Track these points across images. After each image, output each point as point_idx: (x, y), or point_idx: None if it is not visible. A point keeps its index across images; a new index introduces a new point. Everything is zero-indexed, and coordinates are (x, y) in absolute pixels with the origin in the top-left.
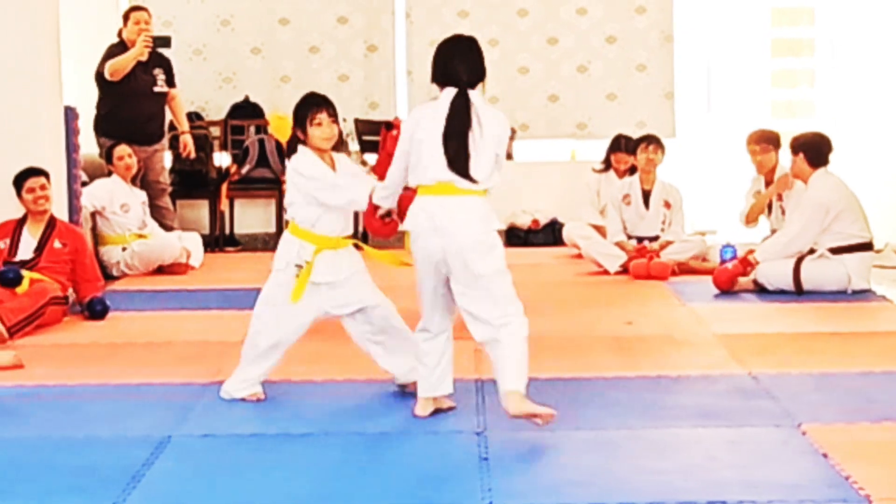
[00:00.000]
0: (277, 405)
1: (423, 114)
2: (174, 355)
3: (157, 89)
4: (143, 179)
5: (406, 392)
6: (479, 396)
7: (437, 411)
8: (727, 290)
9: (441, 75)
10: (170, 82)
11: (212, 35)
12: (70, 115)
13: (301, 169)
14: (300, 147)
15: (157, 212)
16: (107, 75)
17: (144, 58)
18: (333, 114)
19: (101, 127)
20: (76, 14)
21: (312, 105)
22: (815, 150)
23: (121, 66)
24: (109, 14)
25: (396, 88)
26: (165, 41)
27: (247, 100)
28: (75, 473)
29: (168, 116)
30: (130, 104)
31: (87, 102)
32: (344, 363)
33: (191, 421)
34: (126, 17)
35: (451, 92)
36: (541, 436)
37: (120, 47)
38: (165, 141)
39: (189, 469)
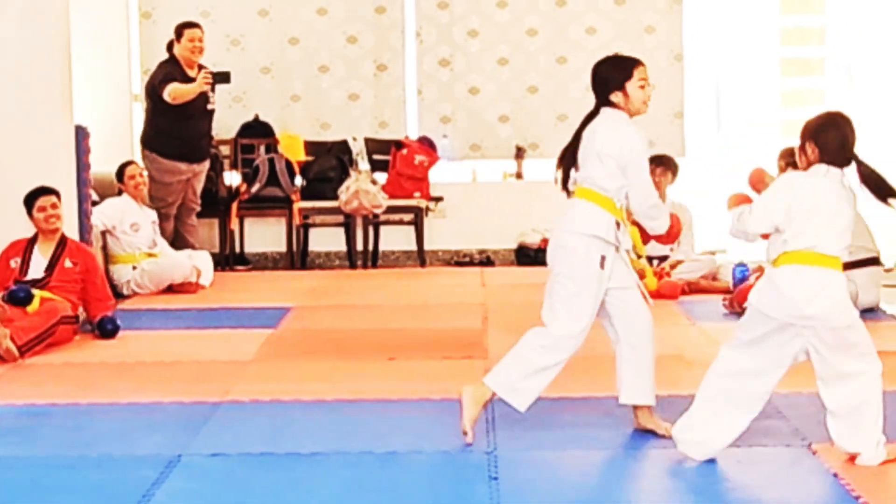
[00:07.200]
0: (287, 424)
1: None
2: (184, 374)
3: (209, 107)
4: None
5: None
6: (489, 415)
7: None
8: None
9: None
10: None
11: (222, 55)
12: (81, 133)
13: (639, 148)
14: (613, 112)
15: (185, 228)
16: (168, 99)
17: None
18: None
19: (153, 143)
20: (86, 32)
21: (635, 61)
22: None
23: (182, 95)
24: (119, 31)
25: (406, 107)
26: (225, 77)
27: (256, 119)
28: (86, 492)
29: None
30: (186, 124)
31: (97, 120)
32: (354, 382)
33: (200, 440)
34: (179, 34)
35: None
36: (550, 455)
37: (172, 65)
38: (209, 161)
39: (199, 488)
